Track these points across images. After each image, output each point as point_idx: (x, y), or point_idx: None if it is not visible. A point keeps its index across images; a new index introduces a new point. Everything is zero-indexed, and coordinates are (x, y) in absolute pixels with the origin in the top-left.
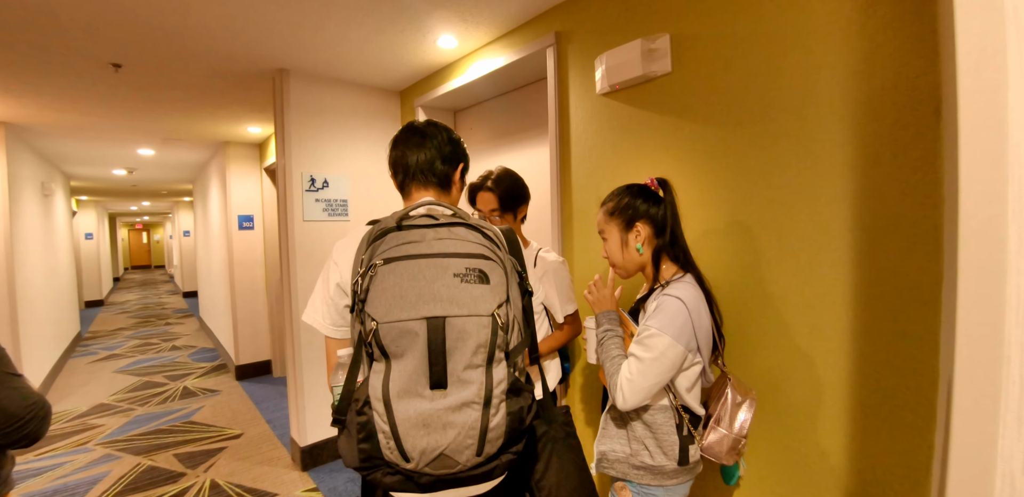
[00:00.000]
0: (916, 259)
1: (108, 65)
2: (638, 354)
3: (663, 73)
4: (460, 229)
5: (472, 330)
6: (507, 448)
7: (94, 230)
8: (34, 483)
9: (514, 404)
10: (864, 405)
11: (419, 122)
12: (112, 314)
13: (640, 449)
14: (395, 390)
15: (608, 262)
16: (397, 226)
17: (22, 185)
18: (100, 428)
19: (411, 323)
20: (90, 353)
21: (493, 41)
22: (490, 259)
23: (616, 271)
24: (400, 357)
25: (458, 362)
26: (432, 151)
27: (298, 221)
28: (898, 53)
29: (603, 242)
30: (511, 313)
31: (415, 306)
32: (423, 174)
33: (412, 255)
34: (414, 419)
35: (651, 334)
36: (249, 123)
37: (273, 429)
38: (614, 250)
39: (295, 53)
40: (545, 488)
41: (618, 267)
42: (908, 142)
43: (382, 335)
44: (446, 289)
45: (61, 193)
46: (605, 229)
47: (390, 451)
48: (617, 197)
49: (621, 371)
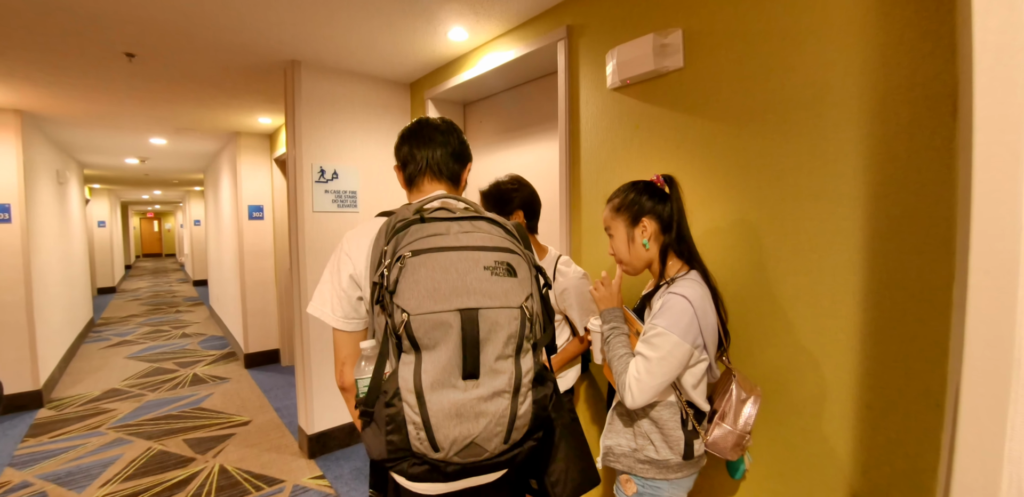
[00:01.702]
0: (927, 260)
1: (122, 55)
2: (645, 353)
3: (675, 68)
4: (482, 223)
5: (504, 322)
6: (531, 435)
7: (107, 218)
8: (49, 465)
9: (539, 393)
10: (870, 406)
11: (433, 118)
12: (124, 301)
13: (646, 444)
14: (428, 381)
15: (614, 259)
16: (420, 218)
17: (38, 172)
18: (112, 412)
19: (445, 315)
20: (103, 339)
21: (504, 34)
22: (516, 253)
23: (623, 268)
24: (432, 349)
25: (490, 353)
26: (447, 148)
27: (308, 212)
28: (914, 51)
29: (609, 239)
30: (535, 306)
31: (448, 298)
32: (438, 169)
33: (441, 247)
34: (448, 410)
35: (658, 333)
36: (260, 114)
37: (281, 417)
38: (620, 246)
39: (306, 44)
40: (555, 472)
41: (624, 263)
42: (923, 142)
43: (415, 327)
44: (478, 282)
45: (75, 181)
46: (611, 225)
47: (419, 442)
48: (623, 193)
49: (629, 370)
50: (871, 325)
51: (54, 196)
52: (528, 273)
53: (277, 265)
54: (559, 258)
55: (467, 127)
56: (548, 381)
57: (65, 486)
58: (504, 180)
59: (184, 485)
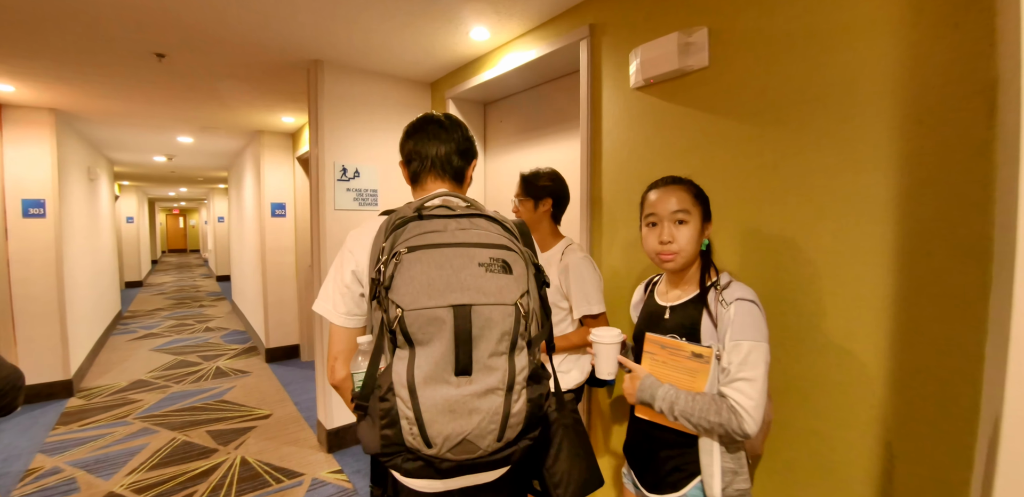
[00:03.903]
0: (961, 264)
1: (152, 55)
2: (748, 376)
3: (700, 67)
4: (481, 220)
5: (498, 318)
6: (525, 434)
7: (135, 214)
8: (78, 452)
9: (534, 391)
10: (898, 414)
11: (437, 114)
12: (150, 295)
13: (737, 468)
14: (420, 377)
15: (661, 249)
16: (418, 215)
17: (70, 169)
18: (139, 403)
19: (438, 310)
20: (130, 331)
21: (526, 33)
22: (512, 250)
23: (667, 258)
24: (426, 344)
25: (484, 350)
26: (452, 145)
27: (329, 210)
28: (949, 48)
29: (675, 226)
30: (531, 303)
31: (443, 294)
32: (440, 167)
33: (437, 244)
34: (440, 405)
35: (751, 348)
36: (283, 113)
37: (300, 411)
38: (690, 235)
39: (329, 44)
40: (557, 473)
41: (675, 255)
42: (957, 142)
43: (408, 322)
44: (472, 278)
45: (105, 178)
46: (691, 211)
47: (412, 437)
48: (695, 185)
49: (737, 401)
50: (900, 331)
51: (85, 192)
52: (525, 270)
53: (298, 262)
54: (568, 245)
55: (487, 126)
56: (544, 379)
57: (93, 473)
58: (545, 169)
59: (207, 475)
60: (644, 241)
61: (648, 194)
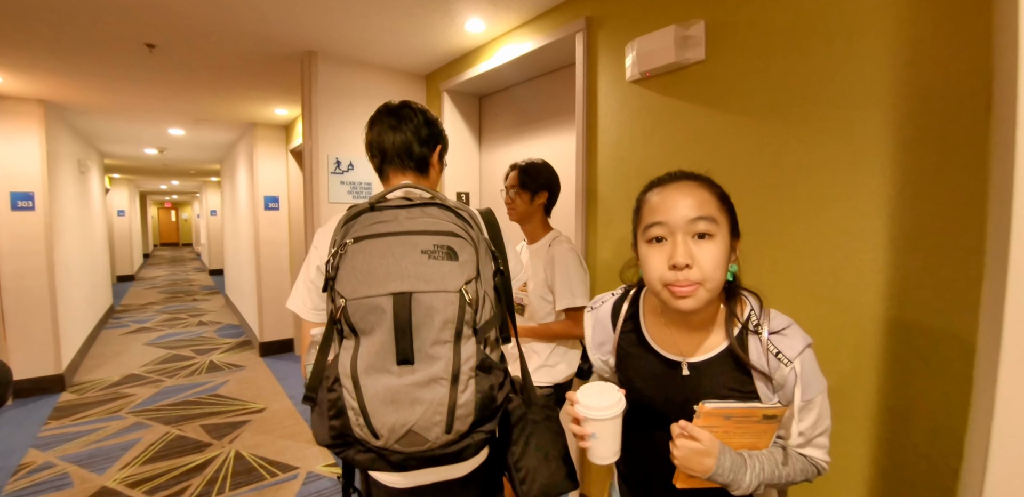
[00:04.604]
0: (955, 259)
1: (143, 45)
2: (824, 428)
3: (697, 61)
4: (433, 209)
5: (439, 306)
6: (478, 426)
7: (126, 207)
8: (71, 446)
9: (484, 382)
10: (892, 407)
11: (393, 103)
12: (143, 289)
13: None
14: (363, 366)
15: (667, 278)
16: (371, 207)
17: (60, 161)
18: (132, 397)
19: (378, 299)
20: (122, 325)
21: (522, 25)
22: (459, 237)
23: (683, 293)
24: (369, 334)
25: (425, 338)
26: (408, 134)
27: (323, 203)
28: (949, 45)
29: (693, 241)
30: (481, 289)
31: (383, 283)
32: (400, 158)
33: (381, 233)
34: (382, 395)
35: (822, 400)
36: (276, 105)
37: (295, 405)
38: (718, 259)
39: (323, 35)
40: (523, 469)
41: (701, 288)
42: (955, 139)
43: (350, 312)
44: (413, 266)
45: (96, 170)
46: (717, 220)
47: (360, 428)
48: (716, 185)
49: (820, 458)
50: (895, 324)
51: (76, 185)
52: (473, 257)
53: (292, 255)
54: (556, 237)
55: (483, 119)
56: (496, 370)
57: (87, 468)
58: (539, 161)
59: (201, 469)
60: (644, 265)
61: (648, 196)
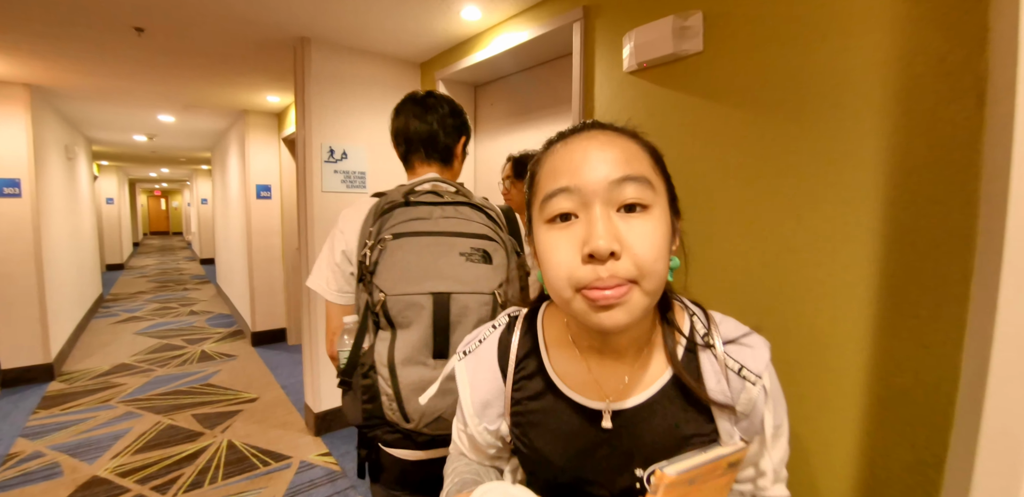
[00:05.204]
0: (944, 253)
1: (131, 29)
2: (784, 457)
3: (694, 52)
4: (465, 209)
5: (474, 306)
6: None
7: (115, 195)
8: (60, 436)
9: None
10: (880, 398)
11: (420, 93)
12: (132, 278)
13: None
14: (400, 357)
15: (581, 277)
16: (405, 201)
17: (47, 148)
18: (122, 387)
19: (418, 297)
20: (112, 314)
21: (518, 14)
22: (493, 240)
23: (608, 301)
24: (406, 327)
25: (460, 335)
26: (435, 124)
27: (317, 192)
28: (942, 40)
29: (619, 216)
30: (511, 292)
31: (421, 281)
32: (425, 148)
33: (420, 232)
34: (417, 385)
35: (787, 427)
36: (268, 92)
37: (288, 395)
38: (656, 239)
39: (317, 21)
40: None
41: (634, 291)
42: (945, 135)
43: (389, 306)
44: (451, 267)
45: (84, 157)
46: (654, 183)
47: (392, 412)
48: (646, 140)
49: (781, 492)
50: (885, 318)
51: (63, 172)
52: (505, 260)
53: (284, 245)
54: None
55: (478, 109)
56: None
57: (76, 457)
58: (535, 152)
59: (193, 459)
60: (544, 261)
61: (546, 155)
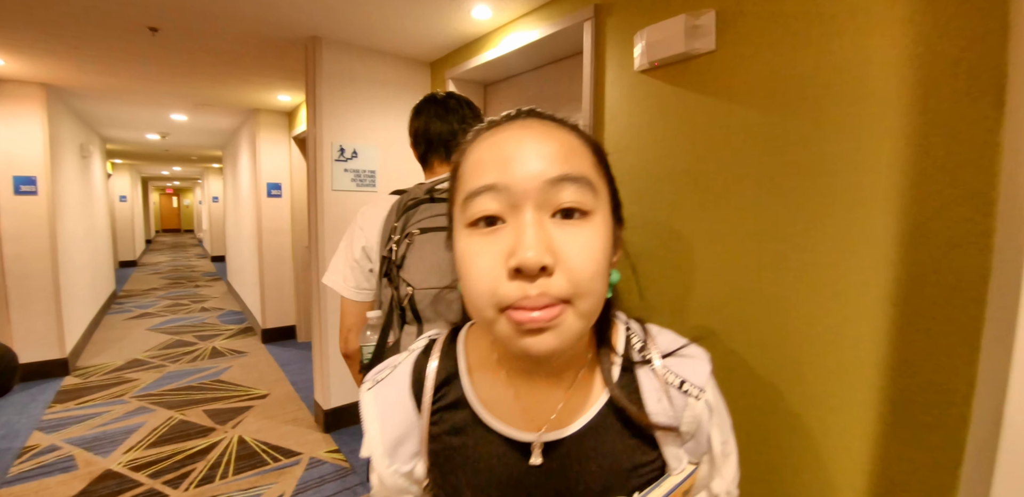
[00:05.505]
0: (961, 255)
1: (145, 29)
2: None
3: (706, 51)
4: None
5: None
6: None
7: (128, 193)
8: (76, 429)
9: None
10: (892, 401)
11: (441, 93)
12: (145, 274)
13: None
14: None
15: (506, 295)
16: (430, 198)
17: (63, 146)
18: (135, 382)
19: (446, 291)
20: (125, 311)
21: (529, 13)
22: None
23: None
24: (433, 321)
25: None
26: (455, 124)
27: (327, 190)
28: (960, 38)
29: (558, 222)
30: None
31: (449, 275)
32: (446, 148)
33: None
34: None
35: (732, 450)
36: (279, 91)
37: (297, 391)
38: (595, 252)
39: (328, 20)
40: None
41: (568, 313)
42: (964, 135)
43: (418, 300)
44: None
45: (98, 155)
46: (596, 185)
47: None
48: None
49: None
50: (898, 319)
51: (78, 170)
52: None
53: (294, 243)
54: None
55: (487, 108)
56: None
57: (91, 451)
58: None
59: (205, 454)
60: (463, 272)
61: (471, 147)
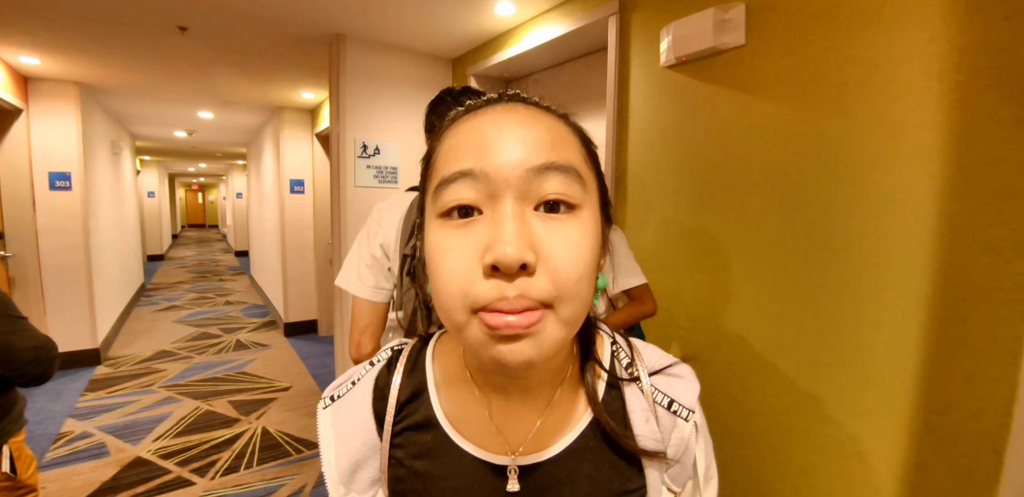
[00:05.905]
0: (1002, 259)
1: (175, 28)
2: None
3: (735, 46)
4: None
5: None
6: None
7: (156, 189)
8: (106, 417)
9: None
10: (928, 405)
11: (456, 88)
12: (172, 268)
13: None
14: None
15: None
16: None
17: (95, 143)
18: (163, 372)
19: None
20: (153, 303)
21: (552, 8)
22: None
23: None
24: None
25: None
26: None
27: (350, 187)
28: (1000, 32)
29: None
30: None
31: None
32: None
33: None
34: None
35: (714, 473)
36: (303, 88)
37: (319, 384)
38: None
39: (352, 18)
40: None
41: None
42: (1005, 132)
43: None
44: None
45: (128, 152)
46: (584, 176)
47: None
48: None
49: None
50: (934, 322)
51: (109, 166)
52: None
53: (316, 239)
54: None
55: None
56: None
57: (122, 438)
58: None
59: (230, 444)
60: (433, 269)
61: (449, 132)
